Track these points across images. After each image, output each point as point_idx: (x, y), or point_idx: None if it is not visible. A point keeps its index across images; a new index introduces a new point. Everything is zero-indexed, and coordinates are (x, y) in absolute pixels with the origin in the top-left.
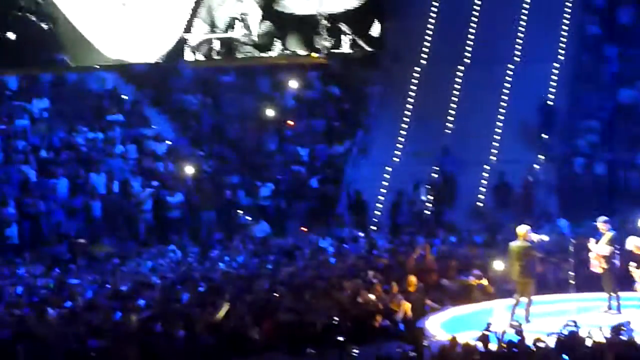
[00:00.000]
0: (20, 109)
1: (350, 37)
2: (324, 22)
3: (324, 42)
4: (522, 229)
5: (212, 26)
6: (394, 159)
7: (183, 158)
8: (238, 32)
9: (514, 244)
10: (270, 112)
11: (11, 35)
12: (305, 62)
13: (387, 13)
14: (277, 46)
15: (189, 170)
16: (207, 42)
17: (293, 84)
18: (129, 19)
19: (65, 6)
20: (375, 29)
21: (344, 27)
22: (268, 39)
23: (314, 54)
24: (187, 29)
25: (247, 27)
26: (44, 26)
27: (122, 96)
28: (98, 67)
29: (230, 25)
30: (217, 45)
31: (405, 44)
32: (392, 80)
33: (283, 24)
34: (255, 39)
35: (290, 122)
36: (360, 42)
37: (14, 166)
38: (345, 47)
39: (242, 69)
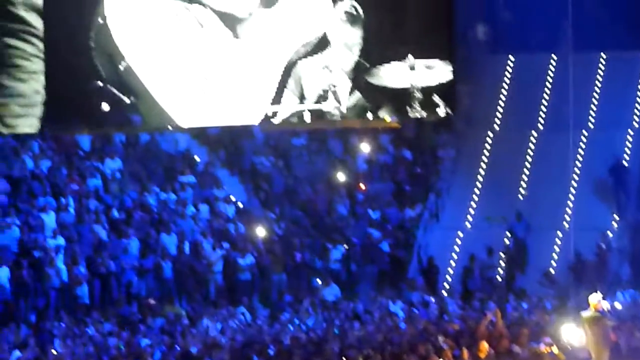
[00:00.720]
0: (92, 169)
1: (443, 109)
2: (418, 94)
3: (417, 114)
4: (594, 299)
5: (302, 98)
6: (466, 223)
7: (254, 220)
8: (329, 104)
9: (586, 314)
10: (341, 175)
11: (105, 107)
12: (378, 125)
13: (462, 76)
14: (367, 118)
15: (260, 232)
16: (297, 114)
17: (365, 147)
18: (211, 92)
19: (145, 76)
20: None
21: (437, 99)
22: (358, 111)
23: (386, 118)
24: (276, 101)
25: (337, 99)
26: (125, 99)
27: (195, 157)
28: (171, 128)
29: (322, 97)
30: (307, 117)
31: (478, 107)
32: (465, 144)
33: (374, 96)
34: (345, 110)
35: (362, 186)
36: (450, 111)
37: (85, 226)
38: (438, 116)
39: (314, 131)
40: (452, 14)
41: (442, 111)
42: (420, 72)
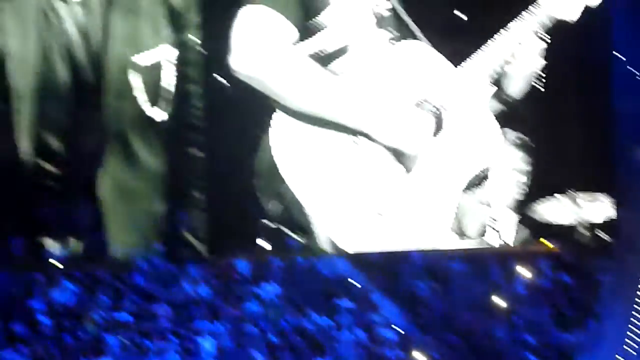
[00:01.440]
0: (250, 294)
1: (606, 237)
2: (583, 230)
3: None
4: None
5: (462, 235)
6: (627, 349)
7: (412, 345)
8: (490, 240)
9: None
10: (499, 300)
11: (266, 245)
12: (536, 250)
13: (622, 201)
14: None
15: (419, 357)
16: (457, 250)
17: (524, 271)
18: (374, 221)
19: (308, 205)
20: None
21: (602, 234)
22: (520, 244)
23: (545, 242)
24: (435, 237)
25: (499, 235)
26: (299, 239)
27: (352, 282)
28: (329, 252)
29: (482, 234)
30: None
31: (638, 232)
32: (626, 269)
33: (537, 231)
34: (510, 244)
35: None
36: (611, 239)
37: (243, 351)
38: (599, 243)
39: (472, 255)
40: (614, 143)
41: (603, 239)
42: (584, 207)
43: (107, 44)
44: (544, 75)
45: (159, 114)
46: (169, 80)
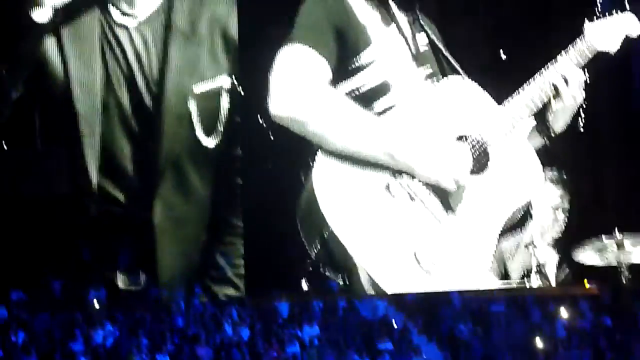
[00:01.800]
0: (290, 336)
1: None
2: (625, 271)
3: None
4: None
5: (504, 277)
6: None
7: None
8: (535, 281)
9: None
10: (540, 342)
11: (304, 285)
12: (576, 292)
13: None
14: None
15: None
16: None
17: (564, 313)
18: (415, 261)
19: (349, 245)
20: None
21: None
22: (564, 284)
23: (586, 284)
24: (476, 279)
25: (544, 276)
26: (340, 280)
27: (392, 324)
28: (370, 294)
29: (526, 276)
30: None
31: None
32: None
33: (579, 271)
34: (552, 285)
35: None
36: None
37: None
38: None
39: (513, 298)
40: None
41: None
42: (626, 248)
43: (166, 72)
44: (585, 110)
45: (212, 142)
46: (225, 109)
